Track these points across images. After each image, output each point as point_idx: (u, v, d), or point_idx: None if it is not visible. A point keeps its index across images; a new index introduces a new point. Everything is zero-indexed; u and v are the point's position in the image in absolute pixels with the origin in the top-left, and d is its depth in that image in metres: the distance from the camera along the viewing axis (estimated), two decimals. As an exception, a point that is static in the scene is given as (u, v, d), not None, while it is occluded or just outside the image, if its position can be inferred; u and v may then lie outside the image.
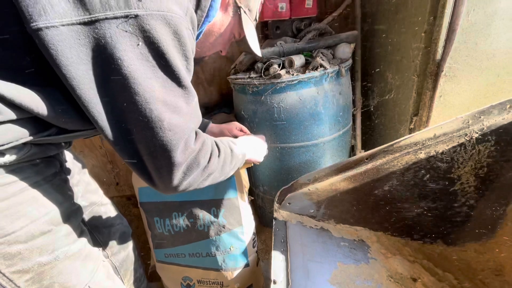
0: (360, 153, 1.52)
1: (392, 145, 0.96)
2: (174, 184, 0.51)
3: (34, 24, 0.36)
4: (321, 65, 1.09)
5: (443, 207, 1.03)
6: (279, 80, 1.09)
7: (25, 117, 0.44)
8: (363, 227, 1.13)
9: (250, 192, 1.13)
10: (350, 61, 1.22)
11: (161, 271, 1.12)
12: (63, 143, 0.61)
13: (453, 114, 1.06)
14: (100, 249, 0.76)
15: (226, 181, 0.94)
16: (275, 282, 0.80)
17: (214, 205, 0.97)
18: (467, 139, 0.91)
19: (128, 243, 0.99)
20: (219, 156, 0.60)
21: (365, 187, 1.03)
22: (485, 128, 0.89)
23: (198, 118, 0.54)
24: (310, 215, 1.12)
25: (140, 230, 1.75)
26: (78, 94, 0.41)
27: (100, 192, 0.91)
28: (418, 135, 0.94)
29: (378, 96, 1.38)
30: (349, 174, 1.02)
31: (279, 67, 1.13)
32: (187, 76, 0.48)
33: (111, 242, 0.90)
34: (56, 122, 0.47)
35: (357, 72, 1.39)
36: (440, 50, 0.93)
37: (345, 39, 1.24)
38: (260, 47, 0.78)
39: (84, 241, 0.61)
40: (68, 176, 0.70)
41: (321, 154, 1.26)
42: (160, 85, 0.44)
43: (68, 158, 0.76)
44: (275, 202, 1.07)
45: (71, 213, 0.59)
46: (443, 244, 1.09)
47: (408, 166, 0.98)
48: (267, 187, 1.42)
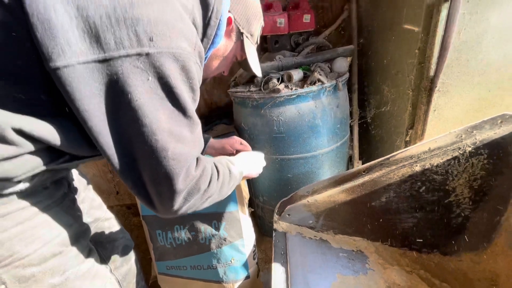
0: (358, 166, 1.55)
1: (388, 158, 0.99)
2: (174, 209, 0.53)
3: (53, 64, 0.39)
4: (319, 80, 1.12)
5: (439, 218, 1.05)
6: (278, 95, 1.12)
7: (41, 147, 0.46)
8: (361, 237, 1.15)
9: (250, 202, 1.15)
10: (347, 75, 1.26)
11: (163, 283, 1.14)
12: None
13: (447, 127, 1.10)
14: (107, 266, 0.77)
15: (227, 194, 0.96)
16: (276, 295, 0.81)
17: (215, 218, 0.99)
18: (461, 152, 0.94)
19: (131, 256, 1.00)
20: (218, 179, 0.61)
21: (362, 198, 1.05)
22: (478, 142, 0.92)
23: (200, 146, 0.56)
24: (309, 226, 1.14)
25: (140, 240, 1.76)
26: (89, 125, 0.43)
27: (104, 207, 0.92)
28: (414, 149, 0.97)
29: (374, 108, 1.41)
30: (347, 186, 1.04)
31: (278, 81, 1.16)
32: (193, 106, 0.51)
33: (114, 256, 0.91)
34: (69, 150, 0.49)
35: (354, 84, 1.42)
36: (433, 66, 0.97)
37: (342, 53, 1.28)
38: (260, 61, 0.82)
39: (92, 260, 0.62)
40: (76, 196, 0.72)
41: (319, 165, 1.28)
42: (167, 117, 0.47)
43: (75, 176, 0.78)
44: (275, 214, 1.09)
45: (80, 233, 0.61)
46: (440, 254, 1.11)
47: (404, 179, 1.01)
48: (267, 198, 1.44)
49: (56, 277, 0.53)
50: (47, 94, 0.45)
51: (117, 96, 0.43)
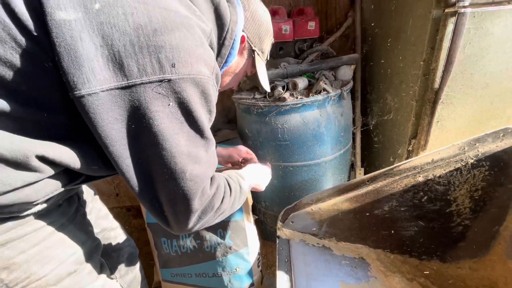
0: (360, 172, 1.57)
1: (392, 168, 1.00)
2: (189, 227, 0.54)
3: (78, 92, 0.39)
4: (324, 89, 1.13)
5: (439, 226, 1.07)
6: (283, 103, 1.12)
7: (60, 170, 0.47)
8: (363, 244, 1.17)
9: (252, 208, 1.16)
10: (351, 84, 1.26)
11: (167, 290, 1.14)
12: None
13: (449, 138, 1.11)
14: (114, 276, 0.78)
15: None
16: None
17: (220, 227, 1.00)
18: (463, 164, 0.96)
19: (136, 264, 1.00)
20: (230, 195, 0.62)
21: (366, 207, 1.07)
22: (480, 155, 0.94)
23: (215, 164, 0.57)
24: (312, 233, 1.16)
25: (141, 243, 1.76)
26: (110, 150, 0.43)
27: (110, 216, 0.92)
28: (417, 160, 0.98)
29: (377, 116, 1.42)
30: (351, 195, 1.05)
31: (283, 89, 1.16)
32: (209, 126, 0.52)
33: (119, 265, 0.91)
34: (87, 172, 0.50)
35: (357, 91, 1.43)
36: (438, 79, 0.98)
37: (346, 62, 1.29)
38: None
39: (104, 276, 0.63)
40: (86, 209, 0.72)
41: (322, 173, 1.30)
42: (186, 139, 0.47)
43: (84, 188, 0.78)
44: (279, 221, 1.10)
45: (92, 250, 0.61)
46: (439, 262, 1.13)
47: (407, 188, 1.02)
48: (269, 203, 1.45)
49: None
50: (68, 119, 0.45)
51: (138, 121, 0.43)
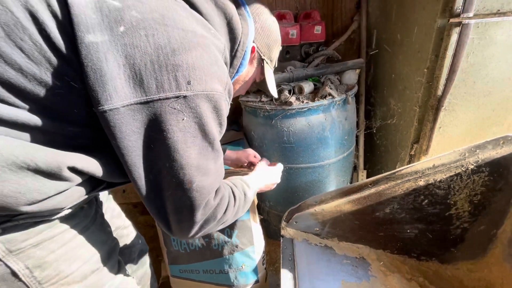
0: (362, 175, 1.60)
1: (394, 173, 1.04)
2: (190, 235, 0.58)
3: (101, 107, 0.42)
4: (330, 94, 1.16)
5: (439, 229, 1.11)
6: (290, 107, 1.16)
7: (86, 179, 0.50)
8: (364, 245, 1.21)
9: (257, 207, 1.20)
10: (356, 88, 1.29)
11: (176, 286, 1.19)
12: None
13: (451, 144, 1.14)
14: (134, 277, 0.82)
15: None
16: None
17: (228, 226, 1.04)
18: (463, 169, 0.99)
19: (146, 260, 1.05)
20: (234, 205, 0.65)
21: (367, 209, 1.10)
22: (480, 161, 0.97)
23: (222, 175, 0.60)
24: (315, 233, 1.19)
25: (146, 239, 1.80)
26: (125, 159, 0.47)
27: (123, 215, 0.97)
28: (419, 165, 1.01)
29: (380, 119, 1.45)
30: (354, 197, 1.09)
31: (289, 93, 1.19)
32: (219, 138, 0.55)
33: (131, 261, 0.96)
34: (108, 179, 0.54)
35: (361, 95, 1.46)
36: (441, 87, 1.01)
37: (351, 66, 1.31)
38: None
39: (121, 274, 0.67)
40: (103, 210, 0.76)
41: (326, 175, 1.33)
42: (197, 152, 0.50)
43: None
44: (283, 221, 1.14)
45: (112, 249, 0.65)
46: (438, 262, 1.17)
47: (408, 192, 1.06)
48: (273, 203, 1.49)
49: None
50: (92, 132, 0.48)
51: (153, 133, 0.46)
